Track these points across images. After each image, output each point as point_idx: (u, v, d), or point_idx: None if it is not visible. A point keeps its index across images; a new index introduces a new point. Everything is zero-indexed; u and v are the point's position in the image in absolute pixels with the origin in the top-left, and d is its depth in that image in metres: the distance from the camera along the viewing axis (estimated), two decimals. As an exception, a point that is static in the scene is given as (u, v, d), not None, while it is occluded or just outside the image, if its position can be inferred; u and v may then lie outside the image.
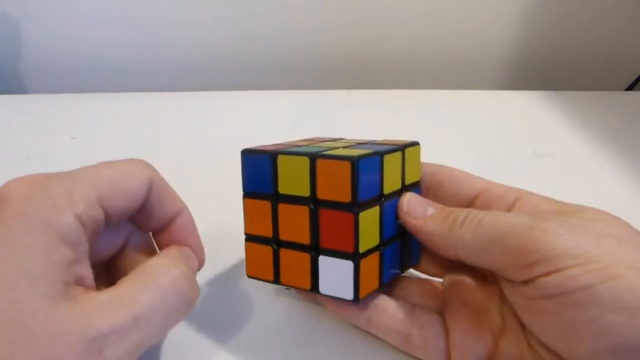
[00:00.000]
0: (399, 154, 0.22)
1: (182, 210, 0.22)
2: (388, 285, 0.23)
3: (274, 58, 0.60)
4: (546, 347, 0.19)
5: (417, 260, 0.24)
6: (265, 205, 0.22)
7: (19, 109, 0.48)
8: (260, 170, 0.22)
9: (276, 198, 0.21)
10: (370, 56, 0.60)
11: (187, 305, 0.19)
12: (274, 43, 0.59)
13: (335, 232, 0.20)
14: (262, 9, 0.56)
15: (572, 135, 0.44)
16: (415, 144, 0.23)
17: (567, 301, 0.17)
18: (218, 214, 0.28)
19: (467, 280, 0.23)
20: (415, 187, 0.23)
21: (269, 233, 0.22)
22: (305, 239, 0.21)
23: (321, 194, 0.20)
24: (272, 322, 0.24)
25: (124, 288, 0.18)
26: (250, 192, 0.22)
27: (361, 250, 0.20)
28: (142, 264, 0.20)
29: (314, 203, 0.20)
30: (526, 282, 0.18)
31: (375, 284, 0.21)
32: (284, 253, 0.22)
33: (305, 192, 0.20)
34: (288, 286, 0.22)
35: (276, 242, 0.22)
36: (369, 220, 0.20)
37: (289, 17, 0.57)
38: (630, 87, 0.59)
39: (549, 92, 0.52)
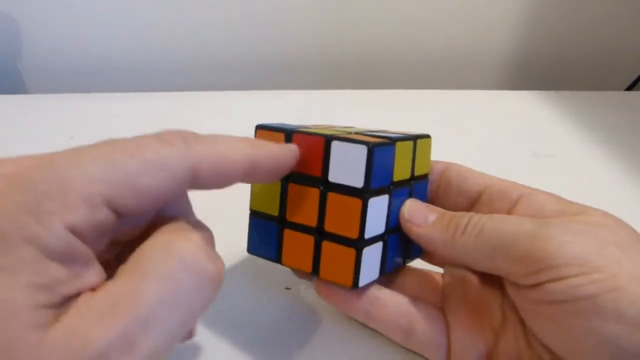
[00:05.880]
0: (410, 143, 0.22)
1: None
2: (387, 276, 0.23)
3: (274, 58, 0.60)
4: (545, 347, 0.19)
5: (420, 252, 0.24)
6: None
7: (19, 109, 0.48)
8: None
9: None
10: (371, 56, 0.60)
11: (212, 284, 0.15)
12: (274, 43, 0.59)
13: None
14: (263, 9, 0.56)
15: (572, 135, 0.44)
16: (426, 136, 0.23)
17: (571, 309, 0.17)
18: (220, 213, 0.28)
19: (469, 275, 0.23)
20: (423, 179, 0.24)
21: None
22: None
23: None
24: (272, 321, 0.24)
25: (121, 283, 0.14)
26: None
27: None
28: (141, 246, 0.15)
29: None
30: (532, 286, 0.18)
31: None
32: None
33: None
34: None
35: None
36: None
37: (289, 17, 0.57)
38: (630, 87, 0.59)
39: (549, 92, 0.52)
